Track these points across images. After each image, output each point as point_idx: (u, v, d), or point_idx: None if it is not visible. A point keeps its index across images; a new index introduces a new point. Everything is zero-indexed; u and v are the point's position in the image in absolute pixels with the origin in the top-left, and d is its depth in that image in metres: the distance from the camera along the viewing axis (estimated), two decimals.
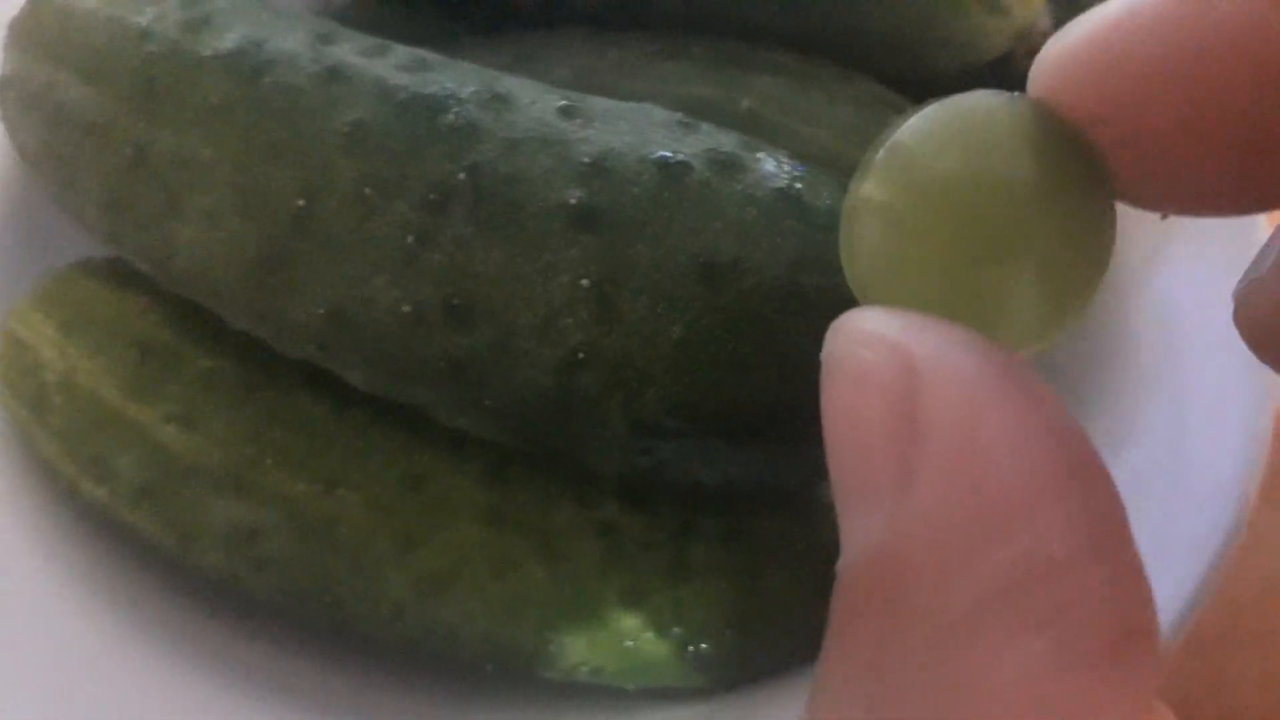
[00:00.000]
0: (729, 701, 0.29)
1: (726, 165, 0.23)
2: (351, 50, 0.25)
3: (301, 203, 0.24)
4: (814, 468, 0.25)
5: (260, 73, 0.25)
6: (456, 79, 0.24)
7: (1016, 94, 0.14)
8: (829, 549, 0.28)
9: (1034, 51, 0.29)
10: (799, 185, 0.23)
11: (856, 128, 0.28)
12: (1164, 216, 0.15)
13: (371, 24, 0.28)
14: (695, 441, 0.23)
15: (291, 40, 0.25)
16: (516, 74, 0.26)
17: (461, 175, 0.23)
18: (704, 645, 0.27)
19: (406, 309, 0.23)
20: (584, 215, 0.22)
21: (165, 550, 0.28)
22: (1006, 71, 0.31)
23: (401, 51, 0.25)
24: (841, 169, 0.28)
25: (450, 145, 0.23)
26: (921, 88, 0.30)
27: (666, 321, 0.22)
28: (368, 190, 0.23)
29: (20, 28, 0.30)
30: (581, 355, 0.22)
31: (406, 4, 0.38)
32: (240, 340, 0.28)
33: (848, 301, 0.22)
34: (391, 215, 0.23)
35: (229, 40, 0.25)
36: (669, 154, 0.23)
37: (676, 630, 0.27)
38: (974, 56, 0.29)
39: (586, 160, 0.23)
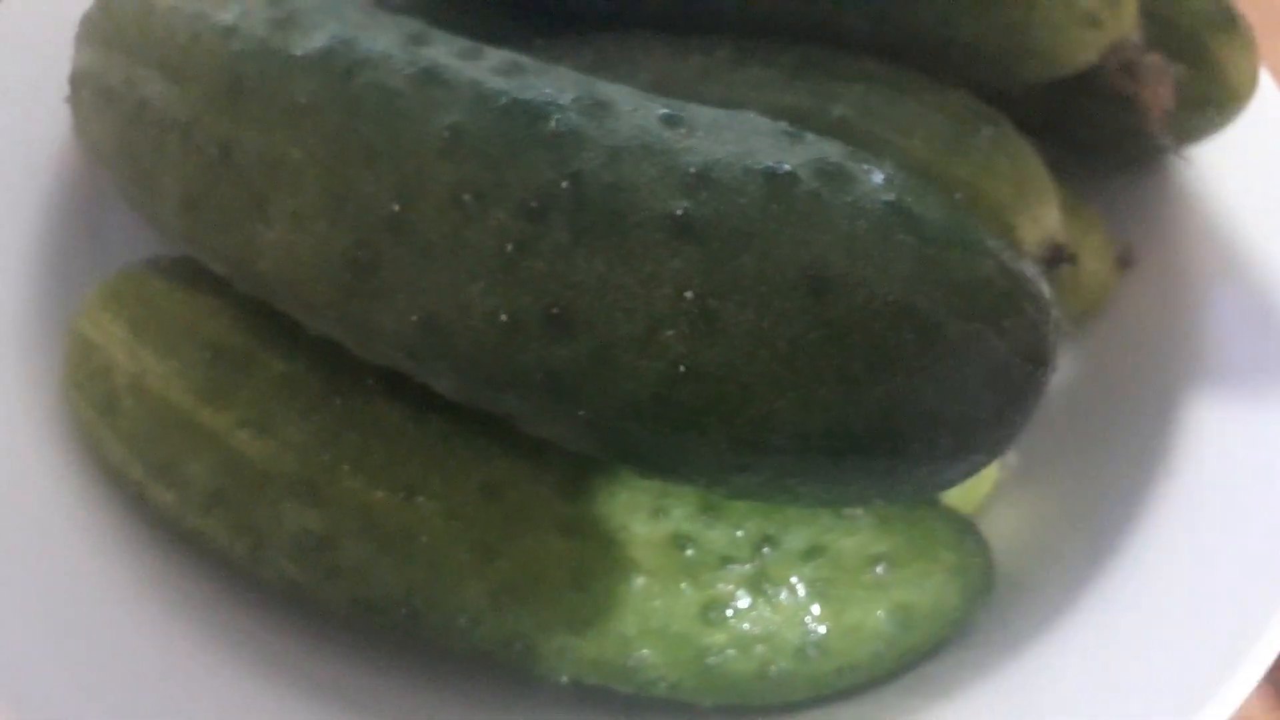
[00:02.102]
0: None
1: (834, 176, 0.22)
2: (446, 52, 0.24)
3: (396, 207, 0.23)
4: (916, 485, 0.25)
5: (352, 73, 0.24)
6: (555, 84, 0.23)
7: None
8: (906, 565, 0.28)
9: (1126, 65, 0.29)
10: (909, 198, 0.22)
11: (950, 138, 0.27)
12: None
13: (442, 25, 0.28)
14: (796, 458, 0.22)
15: (383, 41, 0.25)
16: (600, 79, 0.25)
17: (564, 183, 0.22)
18: (784, 665, 0.27)
19: (504, 318, 0.22)
20: (688, 226, 0.22)
21: (235, 558, 0.28)
22: (1094, 83, 0.30)
23: (495, 55, 0.25)
24: (935, 180, 0.28)
25: (552, 152, 0.22)
26: (1007, 98, 0.30)
27: (772, 336, 0.21)
28: (466, 196, 0.23)
29: (94, 22, 0.29)
30: (683, 368, 0.22)
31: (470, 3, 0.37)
32: (316, 344, 0.27)
33: (962, 316, 0.22)
34: (490, 222, 0.22)
35: (318, 39, 0.25)
36: (775, 164, 0.22)
37: (759, 648, 0.26)
38: (1064, 68, 0.29)
39: (692, 170, 0.22)
